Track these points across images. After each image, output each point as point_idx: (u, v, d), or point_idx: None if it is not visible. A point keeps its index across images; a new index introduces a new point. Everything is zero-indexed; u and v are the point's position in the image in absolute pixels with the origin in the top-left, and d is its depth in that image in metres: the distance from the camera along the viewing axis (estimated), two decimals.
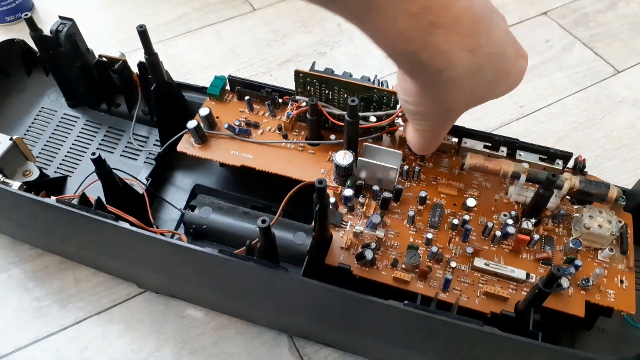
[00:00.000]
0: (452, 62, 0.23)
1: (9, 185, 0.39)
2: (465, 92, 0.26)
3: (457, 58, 0.23)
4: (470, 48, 0.23)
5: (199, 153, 0.41)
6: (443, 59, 0.23)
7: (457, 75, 0.24)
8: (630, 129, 0.57)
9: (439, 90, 0.26)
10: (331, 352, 0.42)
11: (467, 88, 0.25)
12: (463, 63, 0.24)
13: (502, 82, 0.27)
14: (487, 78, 0.25)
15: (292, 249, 0.40)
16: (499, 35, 0.25)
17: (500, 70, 0.26)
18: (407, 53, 0.23)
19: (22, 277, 0.46)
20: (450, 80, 0.24)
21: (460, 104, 0.27)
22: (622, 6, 0.69)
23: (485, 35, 0.24)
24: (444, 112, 0.28)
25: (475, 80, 0.25)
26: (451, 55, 0.23)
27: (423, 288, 0.34)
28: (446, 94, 0.26)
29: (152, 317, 0.44)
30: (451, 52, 0.23)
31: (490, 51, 0.24)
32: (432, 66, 0.24)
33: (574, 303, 0.34)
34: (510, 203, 0.38)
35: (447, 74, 0.24)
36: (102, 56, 0.47)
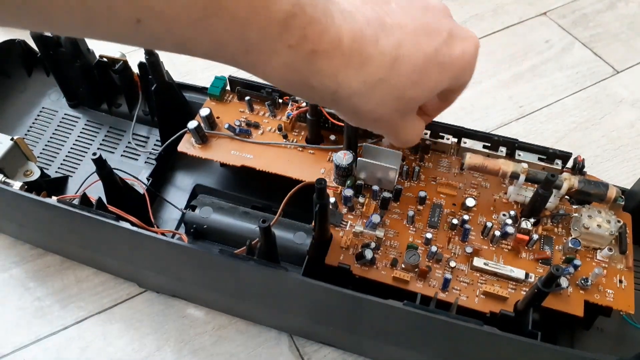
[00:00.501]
0: (342, 82, 0.24)
1: (10, 186, 0.39)
2: (377, 101, 0.26)
3: (345, 77, 0.24)
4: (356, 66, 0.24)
5: (200, 153, 0.41)
6: (332, 81, 0.24)
7: (355, 92, 0.25)
8: (629, 129, 0.57)
9: (349, 107, 0.26)
10: (331, 351, 0.42)
11: (376, 98, 0.25)
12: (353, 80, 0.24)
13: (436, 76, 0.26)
14: (399, 82, 0.25)
15: (292, 249, 0.40)
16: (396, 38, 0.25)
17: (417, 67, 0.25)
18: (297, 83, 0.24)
19: (23, 276, 0.46)
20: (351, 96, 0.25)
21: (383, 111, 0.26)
22: (621, 6, 0.69)
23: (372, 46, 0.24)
24: (374, 121, 0.27)
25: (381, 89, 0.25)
26: (338, 77, 0.24)
27: (422, 288, 0.34)
28: (358, 108, 0.26)
29: (152, 316, 0.44)
30: (337, 74, 0.23)
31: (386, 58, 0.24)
32: (326, 90, 0.24)
33: (573, 303, 0.34)
34: (510, 203, 0.38)
35: (342, 93, 0.24)
36: (102, 56, 0.47)
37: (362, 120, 0.27)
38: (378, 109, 0.26)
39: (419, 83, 0.26)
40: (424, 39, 0.26)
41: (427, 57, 0.26)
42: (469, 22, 0.67)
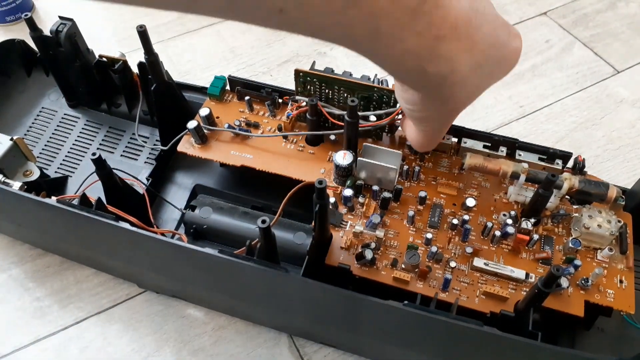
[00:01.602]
0: (455, 66, 0.24)
1: (10, 186, 0.39)
2: (469, 89, 0.27)
3: (459, 61, 0.24)
4: (467, 49, 0.24)
5: (199, 153, 0.41)
6: (447, 65, 0.24)
7: (461, 77, 0.25)
8: (630, 129, 0.57)
9: (444, 94, 0.27)
10: (331, 351, 0.42)
11: (470, 85, 0.26)
12: (464, 64, 0.25)
13: (501, 68, 0.28)
14: (487, 70, 0.26)
15: (292, 249, 0.40)
16: (489, 26, 0.26)
17: (498, 58, 0.27)
18: (414, 68, 0.24)
19: (23, 277, 0.46)
20: (455, 82, 0.25)
21: (466, 100, 0.28)
22: (621, 6, 0.69)
23: (477, 31, 0.25)
24: (449, 112, 0.29)
25: (477, 75, 0.26)
26: (454, 61, 0.24)
27: (423, 288, 0.34)
28: (452, 96, 0.27)
29: (152, 317, 0.44)
30: (453, 57, 0.24)
31: (485, 45, 0.25)
32: (438, 75, 0.25)
33: (573, 303, 0.34)
34: (510, 203, 0.38)
35: (451, 78, 0.25)
36: (102, 56, 0.47)
37: (442, 111, 0.29)
38: (468, 97, 0.27)
39: (494, 73, 0.27)
40: (501, 31, 0.27)
41: (503, 49, 0.27)
42: None
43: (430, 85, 0.26)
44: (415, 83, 0.27)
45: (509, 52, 0.27)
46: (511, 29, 0.28)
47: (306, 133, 0.41)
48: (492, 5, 0.27)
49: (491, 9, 0.26)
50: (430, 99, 0.28)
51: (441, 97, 0.27)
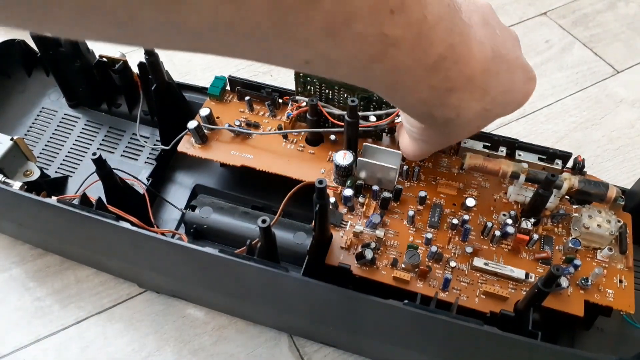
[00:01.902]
0: (462, 113, 0.25)
1: (10, 186, 0.39)
2: (471, 128, 0.28)
3: (467, 108, 0.25)
4: (478, 98, 0.25)
5: (200, 153, 0.41)
6: (454, 112, 0.25)
7: (466, 121, 0.26)
8: (629, 129, 0.57)
9: (446, 131, 0.28)
10: (331, 351, 0.42)
11: (473, 125, 0.27)
12: (471, 111, 0.25)
13: (509, 108, 0.28)
14: (493, 113, 0.27)
15: (292, 249, 0.40)
16: (507, 73, 0.26)
17: (507, 101, 0.27)
18: (421, 112, 0.25)
19: (23, 277, 0.46)
20: (459, 125, 0.26)
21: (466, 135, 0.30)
22: (621, 6, 0.69)
23: (493, 80, 0.25)
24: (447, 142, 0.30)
25: (482, 118, 0.27)
26: (461, 108, 0.25)
27: (423, 287, 0.34)
28: (453, 132, 0.28)
29: (152, 316, 0.44)
30: (462, 105, 0.25)
31: (497, 92, 0.26)
32: (443, 118, 0.25)
33: (573, 302, 0.34)
34: (510, 203, 0.38)
35: (456, 122, 0.26)
36: (102, 56, 0.47)
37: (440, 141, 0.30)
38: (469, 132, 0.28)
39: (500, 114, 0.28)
40: (519, 75, 0.27)
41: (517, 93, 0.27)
42: None
43: (435, 125, 0.27)
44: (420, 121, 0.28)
45: (521, 96, 0.28)
46: (529, 72, 0.28)
47: (306, 130, 0.41)
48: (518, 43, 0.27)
49: (515, 50, 0.27)
50: (432, 133, 0.29)
51: (442, 132, 0.28)
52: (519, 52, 0.27)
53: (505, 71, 0.25)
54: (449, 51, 0.22)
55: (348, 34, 0.18)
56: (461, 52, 0.22)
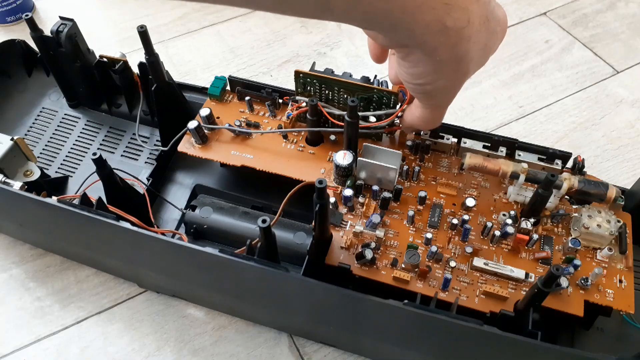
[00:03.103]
0: (470, 17, 0.26)
1: (10, 186, 0.39)
2: (480, 45, 0.28)
3: (473, 12, 0.26)
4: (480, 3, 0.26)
5: (200, 153, 0.41)
6: (464, 16, 0.25)
7: (475, 29, 0.26)
8: (629, 129, 0.57)
9: (461, 52, 0.27)
10: (331, 351, 0.42)
11: (481, 41, 0.27)
12: (476, 15, 0.26)
13: (499, 30, 0.29)
14: (491, 27, 0.28)
15: (293, 249, 0.40)
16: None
17: (495, 17, 0.28)
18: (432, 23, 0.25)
19: (24, 277, 0.46)
20: (471, 36, 0.26)
21: (478, 60, 0.29)
22: (621, 6, 0.69)
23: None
24: (462, 75, 0.29)
25: (485, 30, 0.27)
26: (469, 11, 0.25)
27: (422, 287, 0.34)
28: (467, 53, 0.27)
29: (152, 316, 0.44)
30: (468, 7, 0.25)
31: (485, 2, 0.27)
32: (456, 27, 0.25)
33: (573, 302, 0.34)
34: (510, 203, 0.38)
35: (468, 30, 0.26)
36: (102, 56, 0.48)
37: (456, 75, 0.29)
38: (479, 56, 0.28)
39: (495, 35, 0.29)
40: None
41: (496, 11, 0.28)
42: None
43: (448, 43, 0.26)
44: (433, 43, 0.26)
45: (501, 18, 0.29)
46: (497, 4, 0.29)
47: (306, 129, 0.41)
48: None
49: None
50: (445, 62, 0.28)
51: (457, 55, 0.27)
52: None
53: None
54: None
55: None
56: None
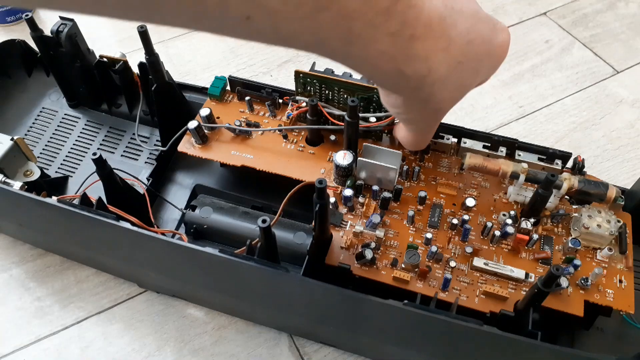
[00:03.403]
0: (432, 65, 0.24)
1: (10, 186, 0.39)
2: (450, 87, 0.26)
3: (436, 60, 0.24)
4: (443, 47, 0.24)
5: (200, 153, 0.41)
6: (424, 65, 0.24)
7: (439, 76, 0.25)
8: (629, 129, 0.57)
9: (424, 94, 0.26)
10: (331, 351, 0.42)
11: (451, 84, 0.26)
12: (442, 63, 0.24)
13: (487, 64, 0.27)
14: (469, 67, 0.26)
15: (293, 249, 0.40)
16: (467, 22, 0.25)
17: (480, 54, 0.26)
18: (390, 71, 0.24)
19: (23, 277, 0.46)
20: (434, 82, 0.25)
21: (449, 99, 0.27)
22: (621, 6, 0.69)
23: (453, 29, 0.24)
24: (434, 112, 0.28)
25: (458, 73, 0.26)
26: (430, 60, 0.24)
27: (422, 287, 0.34)
28: (433, 95, 0.26)
29: (152, 316, 0.44)
30: (429, 56, 0.24)
31: (463, 41, 0.25)
32: (415, 75, 0.24)
33: (573, 302, 0.34)
34: (510, 203, 0.38)
35: (430, 78, 0.25)
36: (102, 56, 0.48)
37: (426, 112, 0.28)
38: (451, 96, 0.27)
39: (479, 70, 0.27)
40: (481, 26, 0.26)
41: (486, 44, 0.26)
42: None
43: (409, 87, 0.25)
44: (394, 86, 0.26)
45: (494, 48, 0.27)
46: (496, 24, 0.27)
47: (307, 127, 0.41)
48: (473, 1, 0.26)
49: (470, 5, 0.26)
50: (412, 101, 0.28)
51: (422, 98, 0.26)
52: (475, 6, 0.26)
53: (464, 21, 0.25)
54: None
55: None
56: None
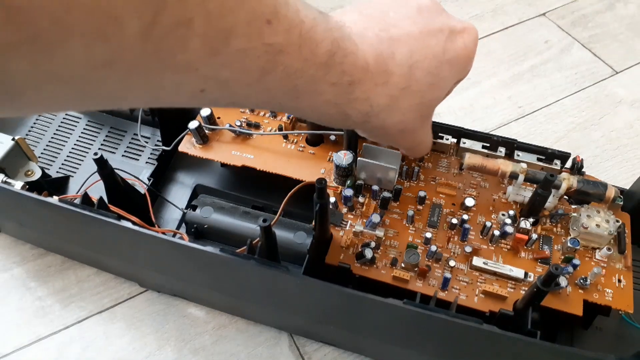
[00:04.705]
0: (373, 102, 0.26)
1: (11, 185, 0.40)
2: (402, 111, 0.27)
3: (376, 96, 0.25)
4: (383, 82, 0.25)
5: (200, 153, 0.41)
6: (366, 104, 0.25)
7: (384, 107, 0.26)
8: (628, 129, 0.57)
9: (376, 125, 0.27)
10: (331, 350, 0.42)
11: (401, 108, 0.27)
12: (381, 96, 0.26)
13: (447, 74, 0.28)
14: (419, 87, 0.27)
15: (293, 248, 0.40)
16: (405, 47, 0.26)
17: (432, 69, 0.27)
18: (336, 115, 0.25)
19: (24, 276, 0.46)
20: (379, 113, 0.26)
21: (407, 121, 0.28)
22: (620, 7, 0.70)
23: (390, 61, 0.25)
24: (399, 132, 0.29)
25: (404, 97, 0.27)
26: (370, 98, 0.25)
27: (422, 287, 0.34)
28: (384, 123, 0.27)
29: (153, 316, 0.44)
30: (369, 96, 0.25)
31: (404, 69, 0.26)
32: (359, 114, 0.26)
33: (572, 302, 0.34)
34: (509, 203, 0.38)
35: (373, 111, 0.26)
36: None
37: (389, 135, 0.29)
38: (404, 119, 0.28)
39: (435, 84, 0.27)
40: (430, 41, 0.27)
41: (437, 58, 0.27)
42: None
43: (357, 123, 0.27)
44: (343, 125, 0.28)
45: (452, 56, 0.27)
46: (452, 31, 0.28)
47: (307, 132, 0.41)
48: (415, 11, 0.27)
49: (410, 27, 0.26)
50: (368, 132, 0.29)
51: (375, 127, 0.28)
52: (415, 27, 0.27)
53: (402, 48, 0.26)
54: (335, 46, 0.22)
55: (231, 50, 0.18)
56: (347, 46, 0.23)
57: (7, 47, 0.13)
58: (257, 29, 0.19)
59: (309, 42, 0.21)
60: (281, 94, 0.22)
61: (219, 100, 0.21)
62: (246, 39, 0.18)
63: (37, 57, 0.14)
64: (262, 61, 0.20)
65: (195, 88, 0.19)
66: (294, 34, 0.20)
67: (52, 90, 0.15)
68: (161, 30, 0.16)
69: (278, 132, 0.42)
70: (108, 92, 0.17)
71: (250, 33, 0.18)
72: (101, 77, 0.16)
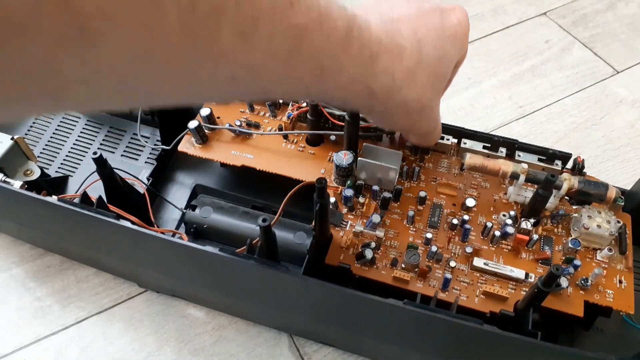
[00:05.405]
0: (394, 75, 0.27)
1: (10, 185, 0.39)
2: (420, 84, 0.28)
3: (396, 69, 0.27)
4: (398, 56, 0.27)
5: (200, 153, 0.41)
6: (388, 77, 0.26)
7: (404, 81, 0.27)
8: (629, 129, 0.57)
9: (398, 101, 0.28)
10: (331, 351, 0.42)
11: (419, 81, 0.28)
12: (402, 69, 0.27)
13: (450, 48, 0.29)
14: (430, 60, 0.28)
15: (293, 249, 0.40)
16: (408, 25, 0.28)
17: (437, 44, 0.29)
18: (361, 91, 0.26)
19: (23, 276, 0.46)
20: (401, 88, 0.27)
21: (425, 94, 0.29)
22: (621, 7, 0.70)
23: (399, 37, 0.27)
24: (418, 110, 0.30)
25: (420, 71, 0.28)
26: (392, 72, 0.26)
27: (422, 287, 0.34)
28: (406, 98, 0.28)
29: (152, 316, 0.44)
30: (389, 68, 0.26)
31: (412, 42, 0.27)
32: (383, 88, 0.27)
33: (573, 303, 0.34)
34: (510, 203, 0.38)
35: (396, 86, 0.27)
36: None
37: (410, 113, 0.30)
38: (423, 93, 0.29)
39: (442, 58, 0.29)
40: (428, 20, 0.29)
41: (438, 34, 0.29)
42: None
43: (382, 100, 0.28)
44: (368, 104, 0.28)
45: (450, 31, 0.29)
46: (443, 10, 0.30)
47: (307, 132, 0.41)
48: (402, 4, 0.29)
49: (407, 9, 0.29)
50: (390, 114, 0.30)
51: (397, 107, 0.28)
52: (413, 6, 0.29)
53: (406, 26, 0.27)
54: (351, 22, 0.23)
55: (260, 34, 0.19)
56: (360, 23, 0.24)
57: (60, 40, 0.13)
58: (281, 12, 0.19)
59: (328, 19, 0.22)
60: (308, 76, 0.23)
61: (250, 88, 0.22)
62: (273, 22, 0.19)
63: (84, 49, 0.14)
64: (290, 43, 0.20)
65: (228, 75, 0.20)
66: (314, 12, 0.21)
67: (94, 86, 0.16)
68: (197, 18, 0.16)
69: (278, 132, 0.42)
70: (145, 86, 0.17)
71: (276, 16, 0.19)
72: (140, 70, 0.16)
